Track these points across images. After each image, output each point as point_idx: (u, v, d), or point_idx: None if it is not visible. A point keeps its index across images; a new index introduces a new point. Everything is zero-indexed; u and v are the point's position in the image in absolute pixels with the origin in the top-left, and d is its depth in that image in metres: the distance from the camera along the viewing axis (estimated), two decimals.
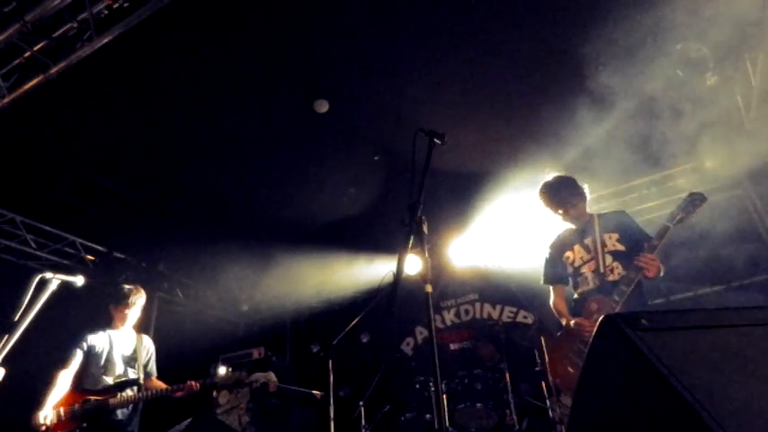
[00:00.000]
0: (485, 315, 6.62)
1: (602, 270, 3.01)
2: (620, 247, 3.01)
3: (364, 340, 7.34)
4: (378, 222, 5.81)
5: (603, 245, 3.07)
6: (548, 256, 3.37)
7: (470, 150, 5.17)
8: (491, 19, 3.94)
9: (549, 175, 3.37)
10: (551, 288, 3.35)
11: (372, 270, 7.06)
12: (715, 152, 4.98)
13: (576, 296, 3.17)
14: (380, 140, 5.15)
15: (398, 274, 1.97)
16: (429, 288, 1.99)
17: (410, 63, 4.30)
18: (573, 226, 3.29)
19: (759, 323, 1.10)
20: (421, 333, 7.00)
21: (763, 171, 4.83)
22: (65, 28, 3.52)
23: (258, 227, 6.48)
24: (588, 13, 3.82)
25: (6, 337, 2.32)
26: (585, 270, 3.09)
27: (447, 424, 4.39)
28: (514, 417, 4.33)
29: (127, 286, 3.89)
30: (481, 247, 6.30)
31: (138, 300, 3.87)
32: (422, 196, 2.14)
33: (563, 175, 3.37)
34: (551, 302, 3.31)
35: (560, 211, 3.26)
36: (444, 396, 4.45)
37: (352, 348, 7.14)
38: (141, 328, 4.08)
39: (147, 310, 4.21)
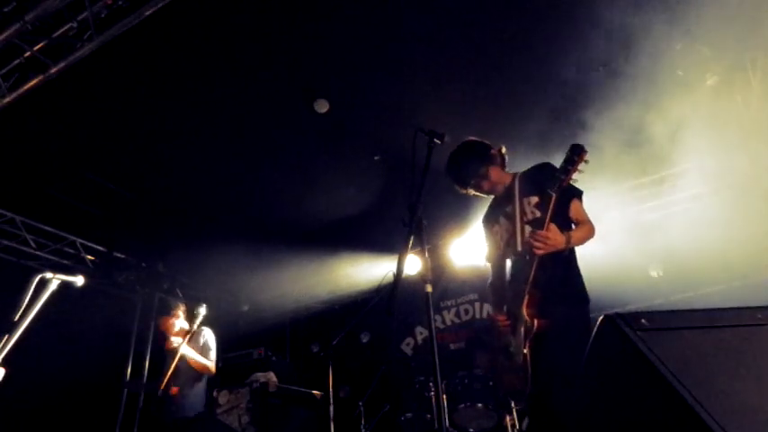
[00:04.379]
0: (485, 315, 6.61)
1: (519, 247, 2.42)
2: (538, 214, 2.31)
3: (364, 340, 7.35)
4: (378, 222, 5.81)
5: (523, 213, 2.47)
6: (483, 232, 2.85)
7: None
8: (492, 18, 3.94)
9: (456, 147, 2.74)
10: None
11: (372, 270, 7.06)
12: (715, 152, 4.97)
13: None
14: (380, 140, 5.14)
15: (398, 274, 1.97)
16: (429, 288, 1.99)
17: (410, 63, 4.29)
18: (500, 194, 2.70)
19: (758, 323, 1.10)
20: (421, 333, 6.99)
21: (763, 171, 4.82)
22: (65, 28, 3.52)
23: (258, 227, 6.48)
24: (588, 13, 3.82)
25: (6, 337, 2.32)
26: (510, 247, 2.52)
27: (447, 424, 4.38)
28: (515, 417, 4.33)
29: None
30: (481, 247, 6.28)
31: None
32: (422, 196, 2.14)
33: (468, 140, 2.78)
34: (487, 284, 2.77)
35: (470, 189, 2.72)
36: (444, 396, 4.44)
37: (352, 348, 7.14)
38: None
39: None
